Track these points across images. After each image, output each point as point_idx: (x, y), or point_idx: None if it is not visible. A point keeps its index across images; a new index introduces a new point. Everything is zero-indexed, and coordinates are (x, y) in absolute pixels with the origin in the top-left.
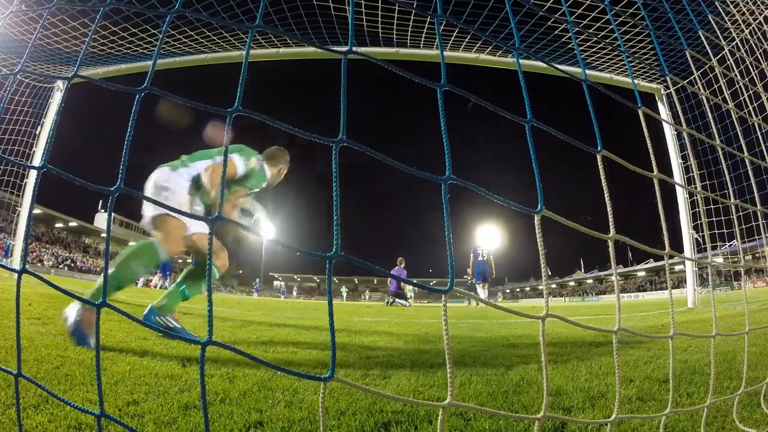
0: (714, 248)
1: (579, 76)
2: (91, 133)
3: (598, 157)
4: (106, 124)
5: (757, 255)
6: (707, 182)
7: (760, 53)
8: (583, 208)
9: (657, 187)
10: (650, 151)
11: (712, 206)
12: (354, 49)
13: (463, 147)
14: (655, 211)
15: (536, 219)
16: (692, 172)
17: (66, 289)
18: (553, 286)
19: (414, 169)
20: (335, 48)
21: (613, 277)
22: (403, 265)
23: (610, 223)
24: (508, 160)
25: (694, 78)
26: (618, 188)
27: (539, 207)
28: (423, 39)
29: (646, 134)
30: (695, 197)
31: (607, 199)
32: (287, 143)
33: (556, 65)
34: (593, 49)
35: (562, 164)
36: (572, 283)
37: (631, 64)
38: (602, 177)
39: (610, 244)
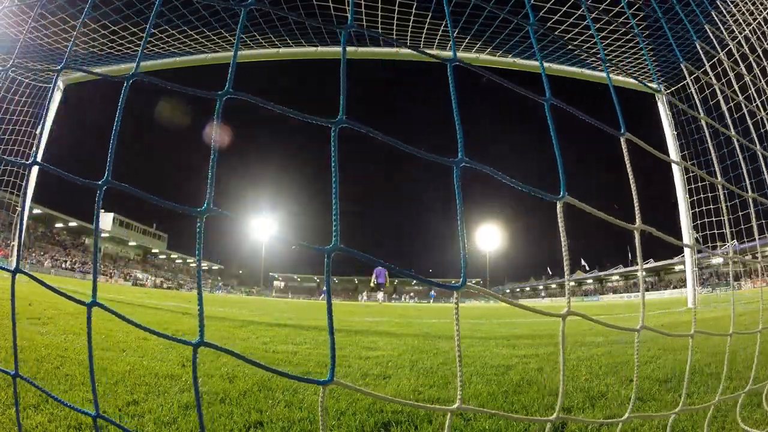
0: (714, 248)
1: (579, 76)
2: (93, 133)
3: (622, 140)
4: (107, 124)
5: (757, 255)
6: (708, 182)
7: (761, 52)
8: (591, 202)
9: (676, 177)
10: (671, 139)
11: (711, 206)
12: (355, 25)
13: (467, 139)
14: (655, 210)
15: (558, 206)
16: (713, 166)
17: (58, 288)
18: (553, 285)
19: (424, 152)
20: (339, 46)
21: (639, 271)
22: None
23: (636, 213)
24: (512, 157)
25: (688, 82)
26: (618, 186)
27: (561, 193)
28: (423, 39)
29: (665, 121)
30: (695, 197)
31: (632, 186)
32: (290, 136)
33: (555, 65)
34: (593, 50)
35: (568, 159)
36: (572, 284)
37: (631, 65)
38: (627, 162)
39: (636, 234)
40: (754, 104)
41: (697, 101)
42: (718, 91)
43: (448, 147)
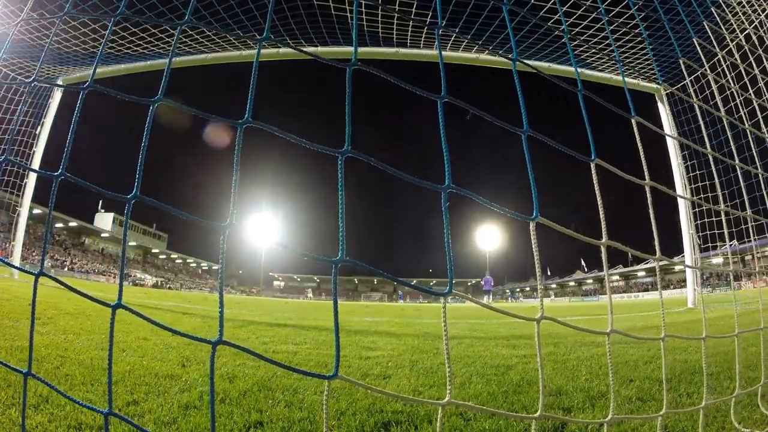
0: (713, 248)
1: (580, 77)
2: (91, 135)
3: (592, 166)
4: (104, 125)
5: (757, 255)
6: (707, 182)
7: (754, 59)
8: (583, 210)
9: (649, 195)
10: (642, 158)
11: (712, 206)
12: (358, 61)
13: (464, 147)
14: (656, 211)
15: (531, 226)
16: (702, 169)
17: (83, 291)
18: (554, 286)
19: (415, 179)
20: (339, 51)
21: (605, 281)
22: None
23: (603, 229)
24: (510, 161)
25: (687, 83)
26: (618, 186)
27: (534, 214)
28: (423, 39)
29: (639, 143)
30: (695, 197)
31: (600, 206)
32: (290, 144)
33: (555, 65)
34: (593, 50)
35: (561, 165)
36: (572, 284)
37: (630, 65)
38: (596, 185)
39: (603, 249)
40: (755, 104)
41: (670, 112)
42: (716, 92)
43: (453, 141)
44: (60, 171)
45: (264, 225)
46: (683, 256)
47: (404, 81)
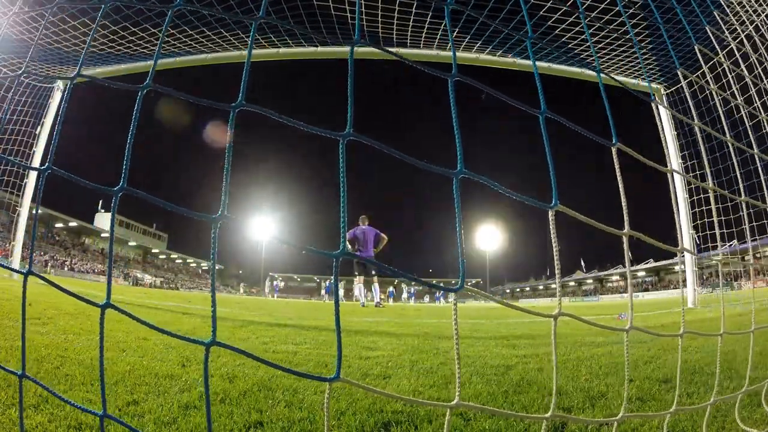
0: (714, 248)
1: (579, 76)
2: (91, 134)
3: (613, 150)
4: (105, 124)
5: (757, 255)
6: (708, 181)
7: (763, 51)
8: (589, 206)
9: (671, 182)
10: (664, 145)
11: (712, 206)
12: (361, 41)
13: (465, 145)
14: (656, 210)
15: (550, 214)
16: (704, 169)
17: (71, 291)
18: (553, 285)
19: (425, 163)
20: (339, 46)
21: (627, 274)
22: (366, 224)
23: (625, 219)
24: (511, 160)
25: (703, 72)
26: (617, 186)
27: (554, 202)
28: (423, 39)
29: (660, 126)
30: (694, 198)
31: (621, 193)
32: (291, 138)
33: (554, 65)
34: (592, 50)
35: (567, 161)
36: (572, 284)
37: (630, 65)
38: (617, 170)
39: (625, 240)
40: (753, 105)
41: (690, 104)
42: (715, 94)
43: (452, 142)
44: (47, 165)
45: (264, 225)
46: (683, 255)
47: (405, 81)
